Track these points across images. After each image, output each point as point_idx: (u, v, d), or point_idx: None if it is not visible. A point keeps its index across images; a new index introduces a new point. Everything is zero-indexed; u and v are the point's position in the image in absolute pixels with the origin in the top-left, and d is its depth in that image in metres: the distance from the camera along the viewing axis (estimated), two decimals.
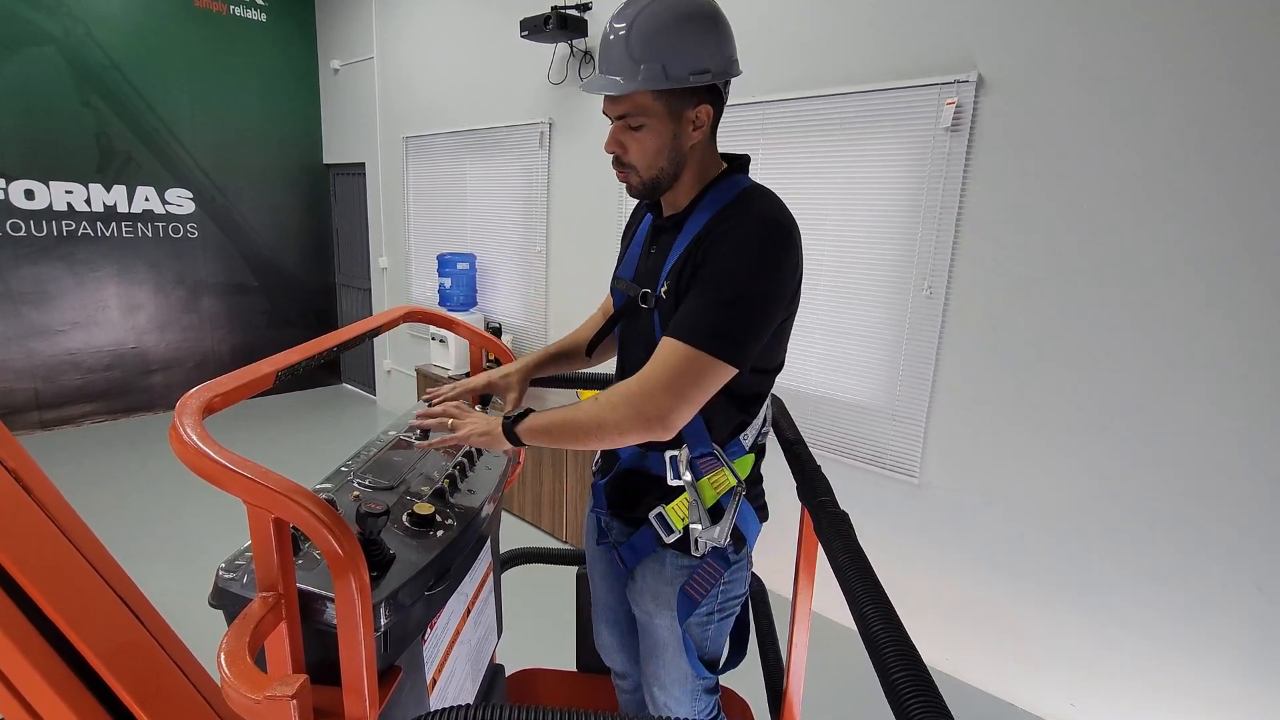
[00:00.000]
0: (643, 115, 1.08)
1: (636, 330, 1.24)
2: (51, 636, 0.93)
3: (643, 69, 1.04)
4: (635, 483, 1.25)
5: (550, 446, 1.12)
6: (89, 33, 4.67)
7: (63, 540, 1.02)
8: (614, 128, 1.12)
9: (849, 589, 0.75)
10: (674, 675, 1.28)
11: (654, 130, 1.09)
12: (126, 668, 1.00)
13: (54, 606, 0.92)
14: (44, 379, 4.85)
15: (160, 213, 5.14)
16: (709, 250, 1.06)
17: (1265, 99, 1.81)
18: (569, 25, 3.38)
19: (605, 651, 1.55)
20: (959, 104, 2.31)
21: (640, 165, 1.12)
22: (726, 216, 1.09)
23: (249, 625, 0.70)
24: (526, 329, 4.28)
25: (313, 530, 0.71)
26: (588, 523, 1.47)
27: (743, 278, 1.02)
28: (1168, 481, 2.06)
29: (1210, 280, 1.94)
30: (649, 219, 1.29)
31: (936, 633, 2.61)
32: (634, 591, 1.30)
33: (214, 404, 0.83)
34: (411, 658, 0.99)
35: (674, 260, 1.13)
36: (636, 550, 1.26)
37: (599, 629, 1.53)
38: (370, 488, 1.11)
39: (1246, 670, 2.00)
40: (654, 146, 1.10)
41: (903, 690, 0.57)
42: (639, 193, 1.17)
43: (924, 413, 2.55)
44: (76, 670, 0.96)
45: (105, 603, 1.04)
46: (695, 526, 1.13)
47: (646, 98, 1.07)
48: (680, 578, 1.21)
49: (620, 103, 1.09)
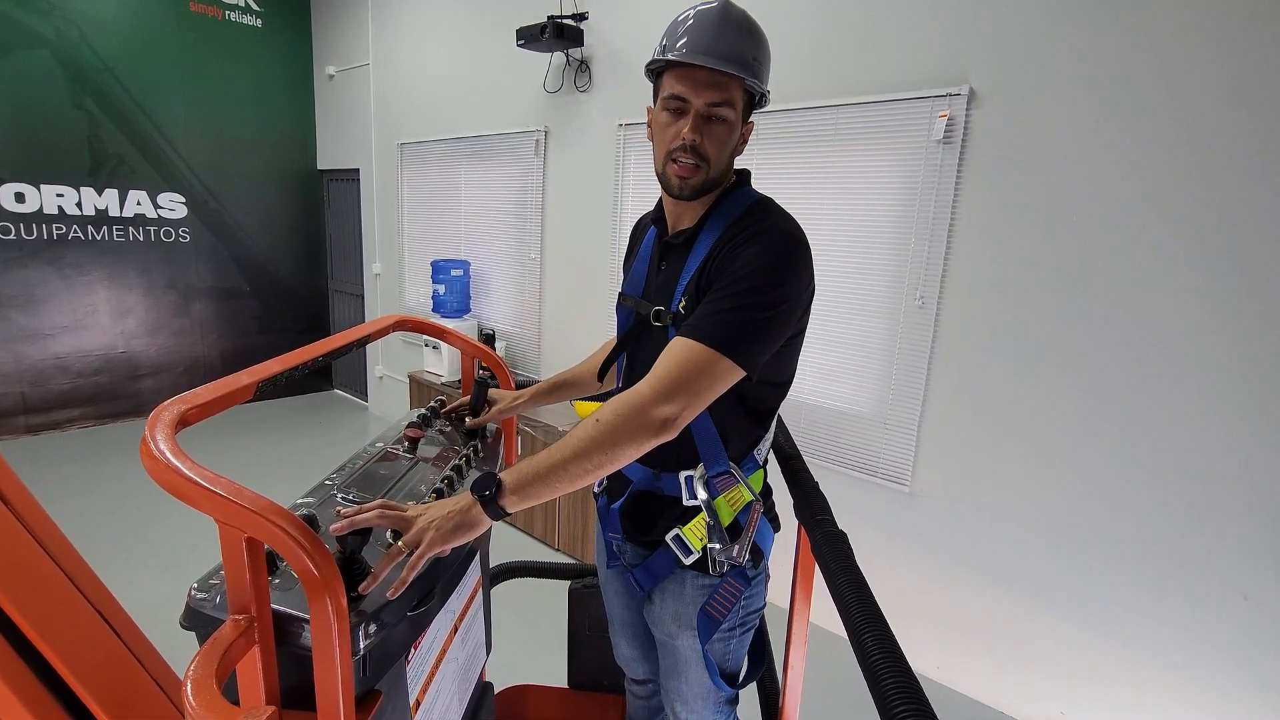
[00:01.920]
0: (731, 109, 1.07)
1: (647, 349, 1.21)
2: (23, 649, 0.90)
3: (753, 63, 1.05)
4: (650, 505, 1.22)
5: (548, 499, 0.96)
6: (82, 36, 4.64)
7: (37, 550, 0.99)
8: (695, 116, 1.06)
9: (847, 615, 0.72)
10: (697, 691, 1.27)
11: (732, 129, 1.09)
12: (100, 682, 0.97)
13: (26, 618, 0.89)
14: (31, 383, 4.80)
15: (152, 217, 5.11)
16: (725, 259, 1.05)
17: (1256, 109, 1.82)
18: (565, 35, 3.38)
19: (626, 663, 1.52)
20: (951, 116, 2.31)
21: (715, 159, 1.09)
22: (742, 228, 1.08)
23: (219, 650, 0.67)
24: (520, 336, 4.26)
25: (287, 550, 0.68)
26: (598, 544, 1.44)
27: (757, 284, 1.01)
28: (1157, 490, 2.07)
29: (1201, 291, 1.95)
30: (653, 234, 1.27)
31: (928, 640, 2.60)
32: (652, 614, 1.27)
33: (189, 416, 0.80)
34: (394, 680, 0.95)
35: (690, 276, 1.11)
36: (653, 573, 1.23)
37: (618, 643, 1.50)
38: (354, 502, 1.08)
39: (1233, 677, 2.00)
40: (729, 145, 1.10)
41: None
42: (695, 191, 1.11)
43: (916, 421, 2.55)
44: (49, 685, 0.93)
45: (80, 615, 1.01)
46: (714, 547, 1.12)
47: (740, 92, 1.07)
48: (701, 598, 1.19)
49: (716, 89, 1.05)
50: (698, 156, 1.07)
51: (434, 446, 1.38)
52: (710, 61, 1.03)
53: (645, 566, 1.24)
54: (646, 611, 1.30)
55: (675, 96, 1.07)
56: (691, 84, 1.05)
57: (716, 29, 1.05)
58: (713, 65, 1.03)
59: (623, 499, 1.24)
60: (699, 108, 1.06)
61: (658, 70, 1.12)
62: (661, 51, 1.10)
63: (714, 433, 1.14)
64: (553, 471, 0.94)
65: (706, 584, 1.19)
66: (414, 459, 1.29)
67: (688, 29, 1.08)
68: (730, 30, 1.06)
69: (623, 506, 1.25)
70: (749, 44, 1.06)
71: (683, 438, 1.16)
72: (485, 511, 0.92)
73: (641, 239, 1.32)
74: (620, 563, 1.33)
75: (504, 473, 0.95)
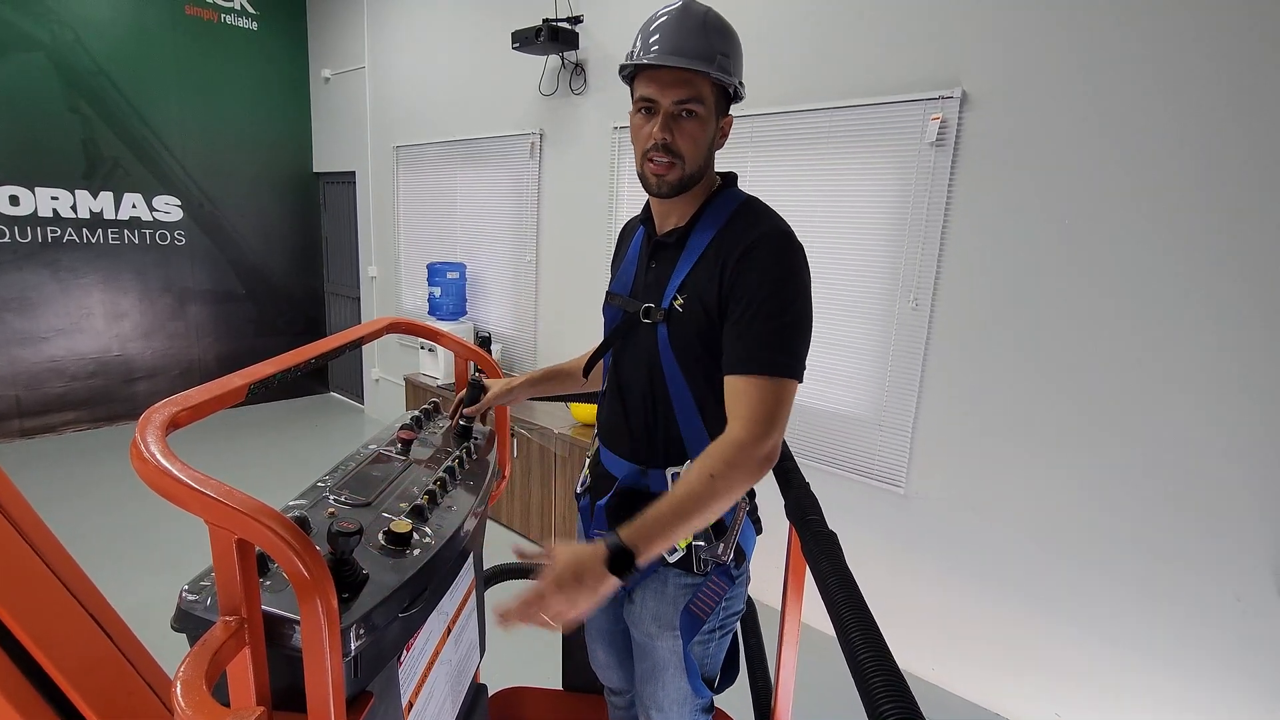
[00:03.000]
0: (701, 105, 1.09)
1: (634, 347, 1.22)
2: (14, 652, 0.90)
3: (718, 59, 1.07)
4: (636, 502, 1.21)
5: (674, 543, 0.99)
6: (78, 39, 4.64)
7: (30, 553, 0.99)
8: (664, 114, 1.09)
9: (837, 615, 0.72)
10: (673, 696, 1.26)
11: (705, 124, 1.10)
12: (92, 685, 0.97)
13: (18, 621, 0.89)
14: (26, 386, 4.78)
15: (147, 219, 5.10)
16: (737, 275, 1.07)
17: (1251, 111, 1.83)
18: (560, 38, 3.39)
19: (601, 670, 1.52)
20: (944, 119, 2.33)
21: (689, 156, 1.11)
22: (739, 230, 1.11)
23: (209, 651, 0.67)
24: (516, 338, 4.26)
25: (277, 552, 0.69)
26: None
27: (783, 298, 1.05)
28: (1150, 492, 2.07)
29: (1196, 294, 1.95)
30: (640, 235, 1.28)
31: (922, 642, 2.60)
32: (633, 614, 1.27)
33: (180, 418, 0.80)
34: (385, 682, 0.96)
35: (684, 274, 1.14)
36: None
37: (594, 648, 1.50)
38: (346, 504, 1.08)
39: (1227, 679, 2.01)
40: (704, 140, 1.11)
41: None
42: (673, 188, 1.13)
43: (910, 423, 2.55)
44: (41, 688, 0.93)
45: (73, 618, 1.01)
46: (699, 544, 1.14)
47: (709, 88, 1.09)
48: (683, 597, 1.20)
49: (682, 86, 1.08)
50: (671, 154, 1.10)
51: (427, 448, 1.38)
52: (672, 60, 1.06)
53: None
54: (626, 612, 1.29)
55: (645, 98, 1.11)
56: (658, 84, 1.09)
57: (677, 28, 1.08)
58: (674, 64, 1.06)
59: (609, 496, 1.25)
60: (667, 106, 1.09)
61: (630, 76, 1.15)
62: (629, 57, 1.13)
63: (702, 430, 1.15)
64: (685, 527, 0.97)
65: (689, 583, 1.20)
66: (407, 461, 1.29)
67: (650, 32, 1.11)
68: (691, 28, 1.08)
69: (609, 503, 1.25)
70: (713, 39, 1.08)
71: (670, 435, 1.17)
72: (615, 573, 0.91)
73: (630, 240, 1.34)
74: None
75: (632, 530, 0.93)
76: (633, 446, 1.23)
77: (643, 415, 1.21)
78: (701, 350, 1.13)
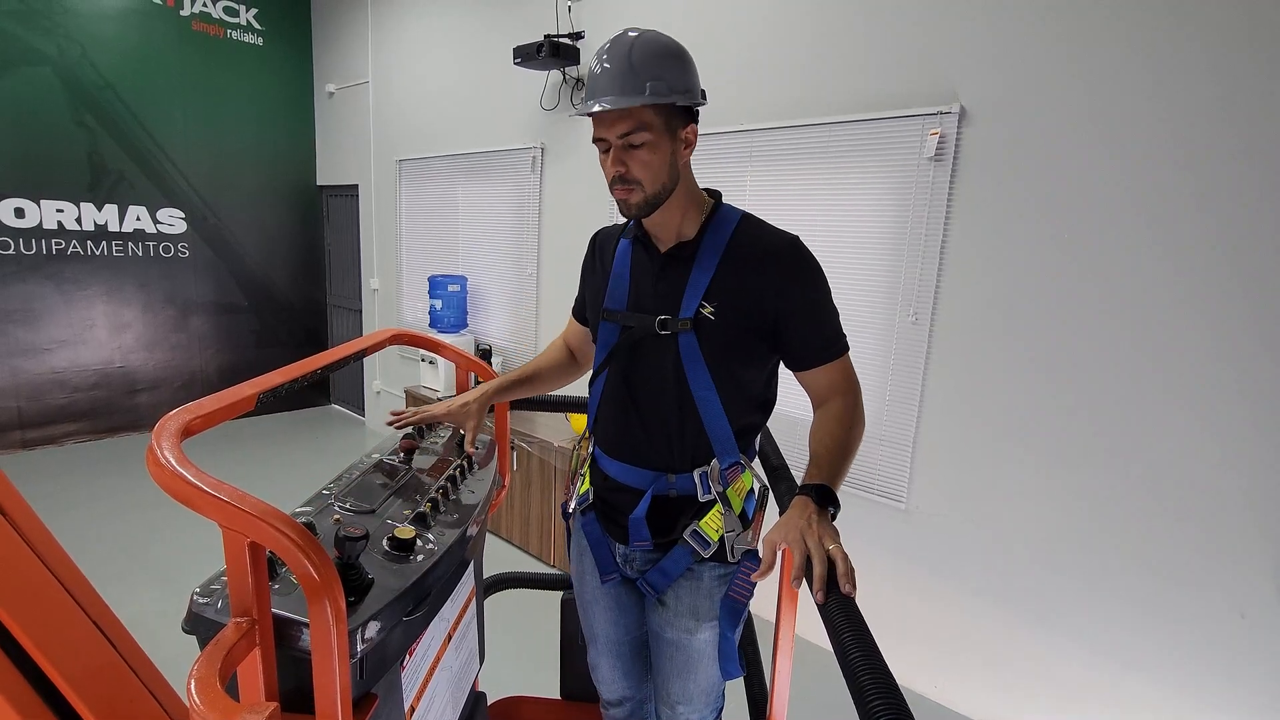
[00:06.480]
0: (646, 131, 1.13)
1: (648, 359, 1.26)
2: (18, 658, 0.91)
3: (649, 85, 1.11)
4: (669, 508, 1.28)
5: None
6: (84, 54, 4.70)
7: (34, 560, 1.00)
8: (614, 149, 1.15)
9: (832, 626, 0.74)
10: (703, 687, 1.33)
11: (655, 146, 1.15)
12: (95, 692, 0.98)
13: (22, 627, 0.90)
14: (28, 398, 4.80)
15: (151, 232, 5.14)
16: (785, 285, 1.19)
17: (1247, 123, 1.85)
18: (561, 53, 3.44)
19: (603, 683, 1.53)
20: (942, 134, 2.36)
21: (646, 180, 1.16)
22: (753, 241, 1.22)
23: (221, 651, 0.69)
24: (517, 350, 4.28)
25: (288, 554, 0.71)
26: (581, 563, 1.45)
27: (825, 291, 1.24)
28: (1152, 505, 2.07)
29: (1196, 306, 1.96)
30: (627, 248, 1.32)
31: (923, 658, 2.59)
32: (665, 615, 1.31)
33: (193, 426, 0.83)
34: (389, 685, 0.97)
35: (705, 283, 1.20)
36: (667, 573, 1.28)
37: (597, 664, 1.51)
38: (351, 511, 1.10)
39: (1231, 696, 2.00)
40: (657, 162, 1.16)
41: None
42: (640, 210, 1.19)
43: (911, 438, 2.56)
44: (43, 694, 0.94)
45: (76, 625, 1.02)
46: (730, 534, 1.22)
47: (649, 113, 1.13)
48: (718, 588, 1.26)
49: (623, 121, 1.13)
50: (627, 182, 1.16)
51: (429, 457, 1.40)
52: (602, 104, 1.12)
53: (659, 568, 1.27)
54: (657, 615, 1.32)
55: (597, 139, 1.18)
56: (603, 124, 1.15)
57: (604, 72, 1.14)
58: (604, 107, 1.12)
59: (643, 507, 1.27)
60: (615, 141, 1.15)
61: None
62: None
63: (727, 427, 1.22)
64: (848, 464, 1.15)
65: (723, 573, 1.27)
66: (409, 469, 1.32)
67: (588, 77, 1.18)
68: (617, 68, 1.13)
69: (646, 515, 1.28)
70: (642, 69, 1.12)
71: (699, 439, 1.23)
72: (826, 514, 1.04)
73: (609, 253, 1.37)
74: (618, 576, 1.35)
75: (821, 473, 1.10)
76: (654, 455, 1.27)
77: (668, 424, 1.25)
78: (740, 350, 1.21)
